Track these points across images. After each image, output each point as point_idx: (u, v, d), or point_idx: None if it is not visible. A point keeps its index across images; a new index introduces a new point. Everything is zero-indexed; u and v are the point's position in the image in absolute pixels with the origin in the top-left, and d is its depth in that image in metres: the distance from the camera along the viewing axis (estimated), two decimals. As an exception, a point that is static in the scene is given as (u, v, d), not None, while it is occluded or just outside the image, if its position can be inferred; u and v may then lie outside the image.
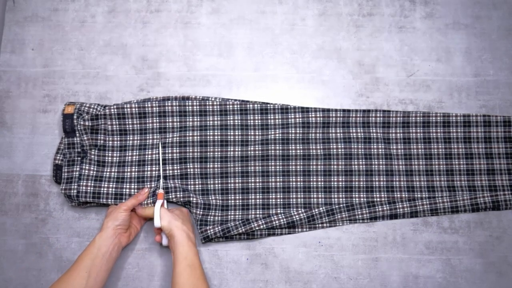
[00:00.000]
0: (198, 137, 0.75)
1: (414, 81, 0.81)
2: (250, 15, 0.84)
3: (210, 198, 0.75)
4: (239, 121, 0.76)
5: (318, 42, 0.82)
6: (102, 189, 0.73)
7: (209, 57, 0.82)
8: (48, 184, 0.78)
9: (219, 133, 0.76)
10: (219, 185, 0.76)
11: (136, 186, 0.74)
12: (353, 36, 0.82)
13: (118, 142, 0.76)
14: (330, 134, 0.76)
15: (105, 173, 0.75)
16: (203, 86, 0.81)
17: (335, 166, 0.76)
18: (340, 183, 0.75)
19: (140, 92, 0.81)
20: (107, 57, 0.82)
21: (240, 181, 0.76)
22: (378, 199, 0.75)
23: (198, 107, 0.76)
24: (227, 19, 0.83)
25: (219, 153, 0.76)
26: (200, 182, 0.75)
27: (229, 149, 0.76)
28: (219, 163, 0.76)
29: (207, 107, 0.76)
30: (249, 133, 0.77)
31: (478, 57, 0.81)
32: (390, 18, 0.83)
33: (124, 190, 0.74)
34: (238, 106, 0.77)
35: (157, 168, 0.75)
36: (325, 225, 0.75)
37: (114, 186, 0.74)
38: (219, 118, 0.76)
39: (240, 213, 0.75)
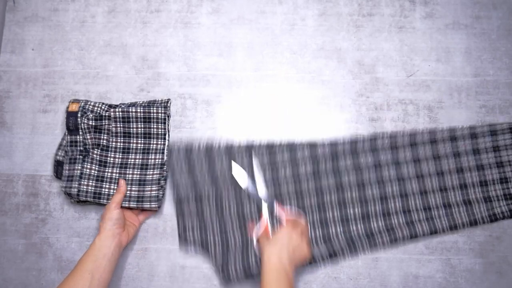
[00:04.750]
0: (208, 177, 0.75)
1: (414, 81, 0.81)
2: (250, 15, 0.84)
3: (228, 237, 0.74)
4: (247, 162, 0.76)
5: (318, 42, 0.82)
6: (103, 189, 0.73)
7: (209, 57, 0.82)
8: (48, 184, 0.78)
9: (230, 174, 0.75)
10: (237, 224, 0.75)
11: (137, 189, 0.74)
12: (353, 36, 0.82)
13: (122, 144, 0.76)
14: (340, 166, 0.75)
15: (106, 173, 0.75)
16: (203, 86, 0.81)
17: (349, 197, 0.75)
18: (357, 212, 0.74)
19: (140, 92, 0.81)
20: (107, 57, 0.82)
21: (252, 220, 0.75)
22: (396, 222, 0.74)
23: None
24: (227, 19, 0.84)
25: (233, 192, 0.75)
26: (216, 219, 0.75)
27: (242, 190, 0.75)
28: (228, 205, 0.75)
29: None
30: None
31: (478, 57, 0.81)
32: (390, 18, 0.83)
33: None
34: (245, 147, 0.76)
35: (158, 172, 0.75)
36: (346, 256, 0.74)
37: (114, 187, 0.74)
38: (226, 157, 0.76)
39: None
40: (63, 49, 0.83)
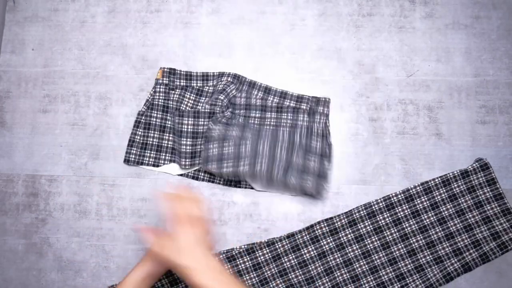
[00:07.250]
0: None
1: (414, 81, 0.81)
2: (250, 15, 0.84)
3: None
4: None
5: (318, 42, 0.82)
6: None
7: (209, 57, 0.82)
8: (48, 184, 0.78)
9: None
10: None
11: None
12: (353, 36, 0.82)
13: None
14: (342, 239, 0.74)
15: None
16: (203, 86, 0.81)
17: (359, 269, 0.73)
18: (371, 283, 0.73)
19: (140, 92, 0.81)
20: (107, 57, 0.82)
21: None
22: (412, 282, 0.73)
23: None
24: (227, 19, 0.84)
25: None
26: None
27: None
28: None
29: None
30: (264, 270, 0.74)
31: (478, 57, 0.81)
32: (390, 18, 0.83)
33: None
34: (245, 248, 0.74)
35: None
36: None
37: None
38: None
39: None
40: (63, 49, 0.83)
